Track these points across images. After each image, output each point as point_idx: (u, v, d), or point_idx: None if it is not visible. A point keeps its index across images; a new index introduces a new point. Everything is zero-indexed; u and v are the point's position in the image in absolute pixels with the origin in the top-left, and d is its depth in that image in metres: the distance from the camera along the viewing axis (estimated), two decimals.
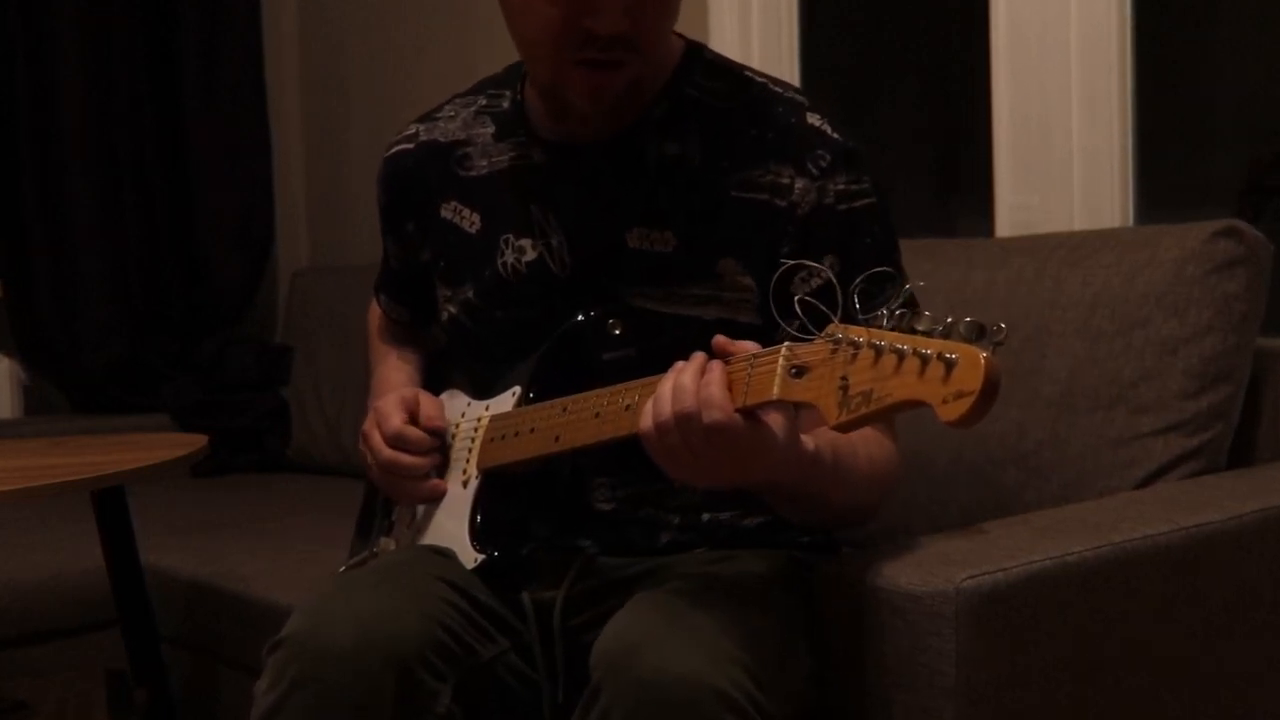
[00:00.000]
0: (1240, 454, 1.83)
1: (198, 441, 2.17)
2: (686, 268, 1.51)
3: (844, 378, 1.14)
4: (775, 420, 1.26)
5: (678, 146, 1.52)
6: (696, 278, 1.50)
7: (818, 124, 1.51)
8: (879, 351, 1.12)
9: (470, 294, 1.62)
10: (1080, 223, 2.25)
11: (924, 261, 2.00)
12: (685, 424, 1.25)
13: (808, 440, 1.32)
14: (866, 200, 1.50)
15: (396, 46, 3.52)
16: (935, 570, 1.34)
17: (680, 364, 1.29)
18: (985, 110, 2.38)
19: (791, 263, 1.41)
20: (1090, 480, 1.79)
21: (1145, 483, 1.76)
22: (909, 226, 2.59)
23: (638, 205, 1.52)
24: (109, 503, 2.15)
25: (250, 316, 3.70)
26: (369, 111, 3.61)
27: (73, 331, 3.44)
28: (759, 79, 1.56)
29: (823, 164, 1.49)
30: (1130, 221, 2.24)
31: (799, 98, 1.54)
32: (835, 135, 1.51)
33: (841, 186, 1.49)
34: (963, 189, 2.69)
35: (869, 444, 1.45)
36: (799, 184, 1.48)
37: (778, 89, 1.55)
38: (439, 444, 1.60)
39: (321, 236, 3.81)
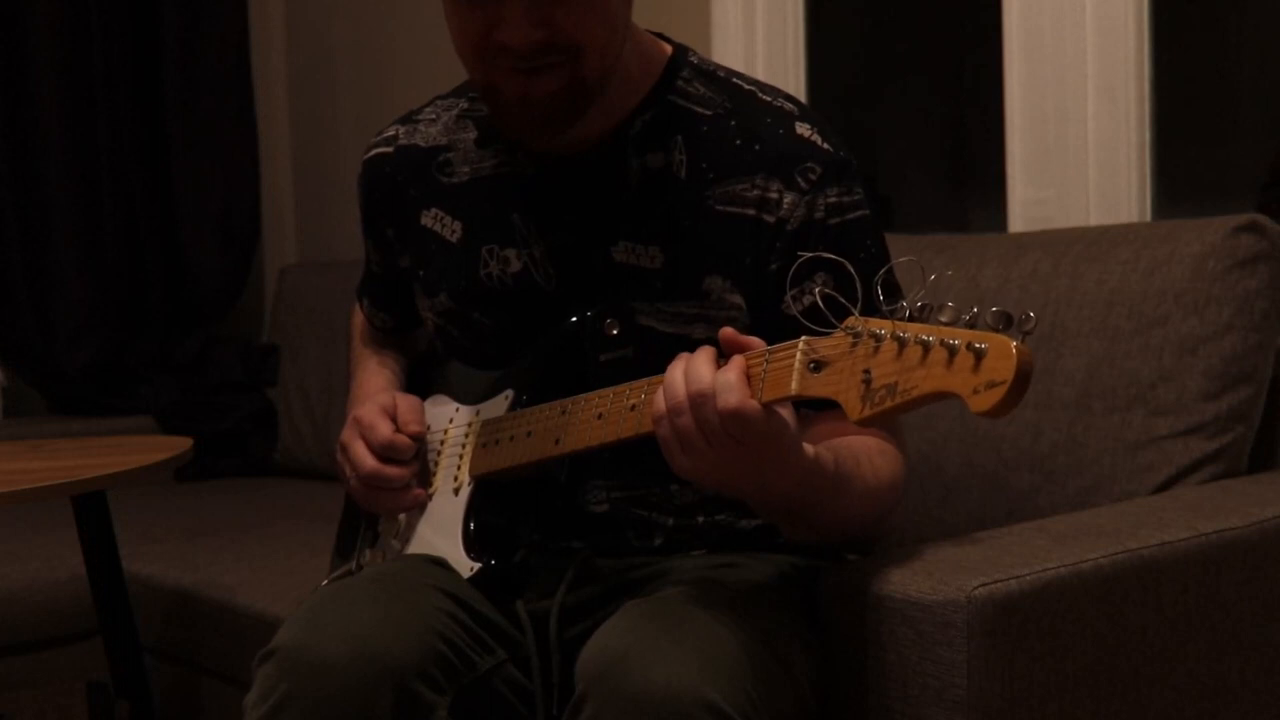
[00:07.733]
0: (1261, 457, 1.83)
1: (181, 444, 2.16)
2: (673, 285, 1.49)
3: (867, 371, 1.14)
4: (786, 414, 1.25)
5: (662, 158, 1.51)
6: (683, 295, 1.49)
7: (807, 134, 1.49)
8: (903, 343, 1.12)
9: (452, 302, 1.61)
10: (1096, 218, 2.25)
11: (936, 257, 2.01)
12: (700, 406, 1.22)
13: (807, 446, 1.30)
14: (859, 213, 1.48)
15: (385, 37, 3.51)
16: (946, 578, 1.32)
17: (686, 354, 1.27)
18: (998, 102, 2.38)
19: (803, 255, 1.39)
20: (1107, 484, 1.78)
21: (1164, 487, 1.75)
22: (920, 221, 2.62)
23: (622, 219, 1.51)
24: (89, 508, 2.13)
25: (235, 314, 3.68)
26: (358, 103, 3.61)
27: (51, 330, 3.43)
28: (747, 86, 1.54)
29: (812, 176, 1.47)
30: (1148, 216, 2.24)
31: (788, 105, 1.52)
32: (826, 146, 1.49)
33: (833, 200, 1.47)
34: (975, 183, 2.73)
35: (873, 455, 1.43)
36: (787, 198, 1.47)
37: (766, 97, 1.53)
38: (419, 449, 1.58)
39: (310, 231, 3.80)
